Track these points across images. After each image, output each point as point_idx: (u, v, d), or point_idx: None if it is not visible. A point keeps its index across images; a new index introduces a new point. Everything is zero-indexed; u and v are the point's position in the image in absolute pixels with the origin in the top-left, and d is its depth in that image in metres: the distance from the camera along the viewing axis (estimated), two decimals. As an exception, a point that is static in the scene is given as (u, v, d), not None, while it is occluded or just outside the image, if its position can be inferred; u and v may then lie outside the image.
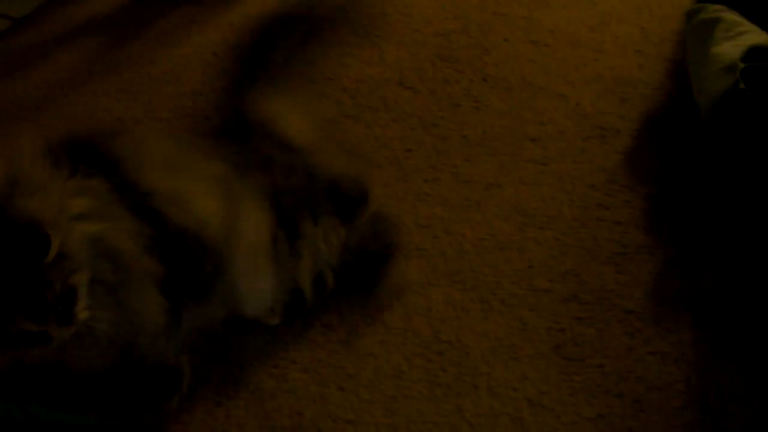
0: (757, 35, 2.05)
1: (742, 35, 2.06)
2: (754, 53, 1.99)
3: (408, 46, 2.57)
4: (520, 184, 2.15)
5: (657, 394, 1.74)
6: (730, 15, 2.13)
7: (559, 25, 2.59)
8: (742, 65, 1.97)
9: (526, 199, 2.12)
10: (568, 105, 2.34)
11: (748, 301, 1.86)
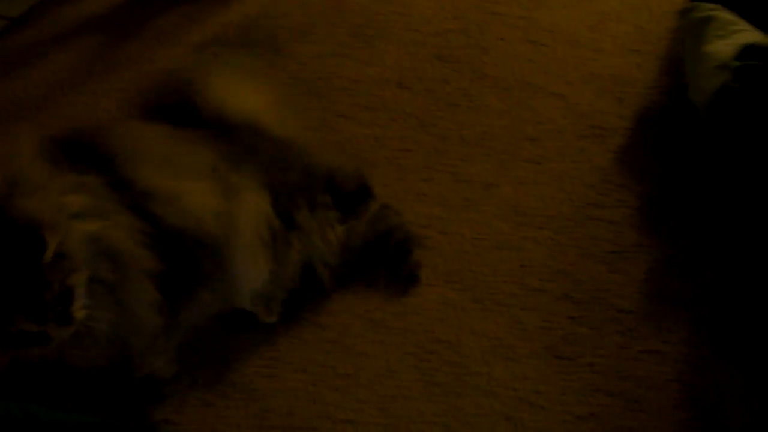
0: (751, 34, 2.05)
1: (735, 34, 2.07)
2: (748, 52, 1.99)
3: (406, 45, 2.57)
4: (517, 183, 2.16)
5: (650, 393, 1.74)
6: (723, 14, 2.13)
7: (557, 25, 2.59)
8: (735, 64, 1.97)
9: (523, 198, 2.12)
10: (566, 104, 2.34)
11: (743, 300, 1.87)
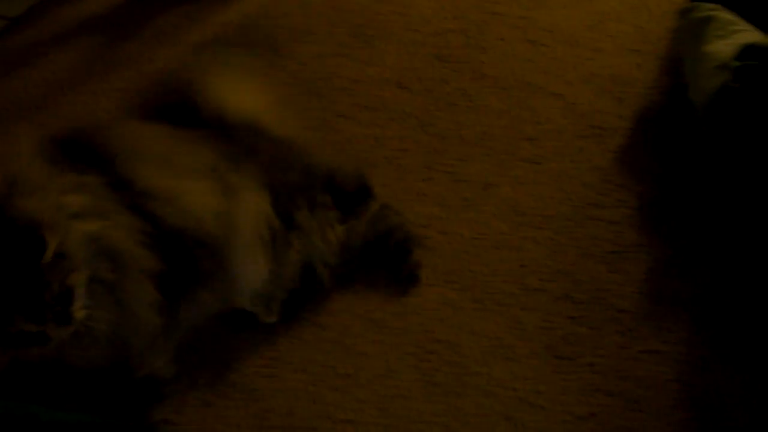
0: (751, 34, 2.05)
1: (735, 34, 2.07)
2: (748, 52, 1.99)
3: (406, 45, 2.57)
4: (517, 183, 2.16)
5: (650, 393, 1.75)
6: (723, 14, 2.13)
7: (556, 25, 2.59)
8: (735, 64, 1.97)
9: (523, 198, 2.12)
10: (566, 104, 2.34)
11: (742, 300, 1.87)
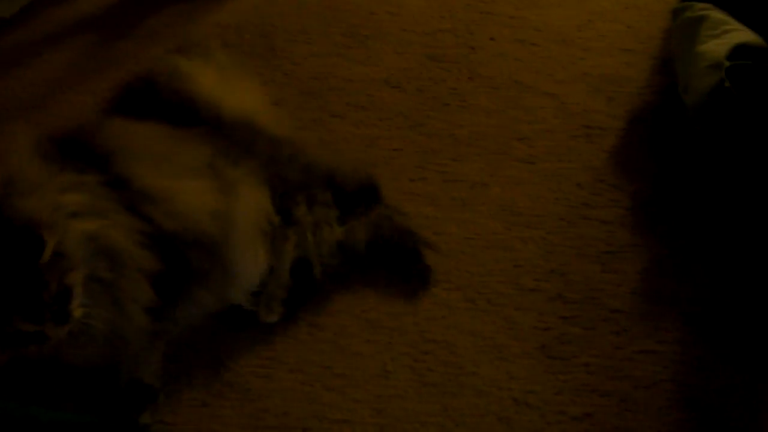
0: (743, 33, 2.06)
1: (727, 33, 2.07)
2: (740, 51, 2.00)
3: (396, 45, 2.57)
4: (507, 183, 2.16)
5: (643, 393, 1.75)
6: (716, 13, 2.14)
7: (546, 24, 2.59)
8: (727, 63, 1.98)
9: (513, 198, 2.12)
10: (557, 104, 2.34)
11: (737, 299, 1.87)
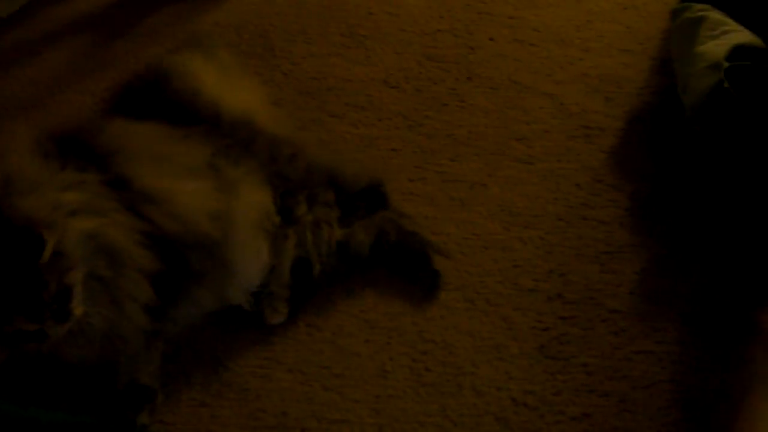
0: (742, 34, 2.06)
1: (726, 34, 2.07)
2: (739, 52, 2.00)
3: (394, 45, 2.57)
4: (506, 183, 2.16)
5: (642, 394, 1.74)
6: (714, 14, 2.14)
7: (545, 24, 2.59)
8: (726, 64, 1.98)
9: (512, 198, 2.12)
10: (554, 104, 2.34)
11: (736, 299, 1.86)
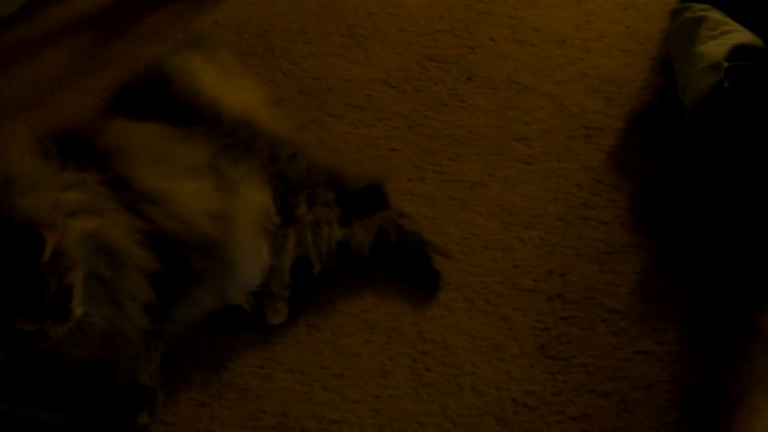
0: (742, 34, 2.06)
1: (726, 34, 2.07)
2: (739, 52, 1.99)
3: (394, 45, 2.57)
4: (505, 183, 2.16)
5: (642, 394, 1.74)
6: (714, 14, 2.14)
7: (545, 25, 2.59)
8: (726, 64, 1.98)
9: (511, 198, 2.12)
10: (554, 104, 2.34)
11: (736, 300, 1.86)
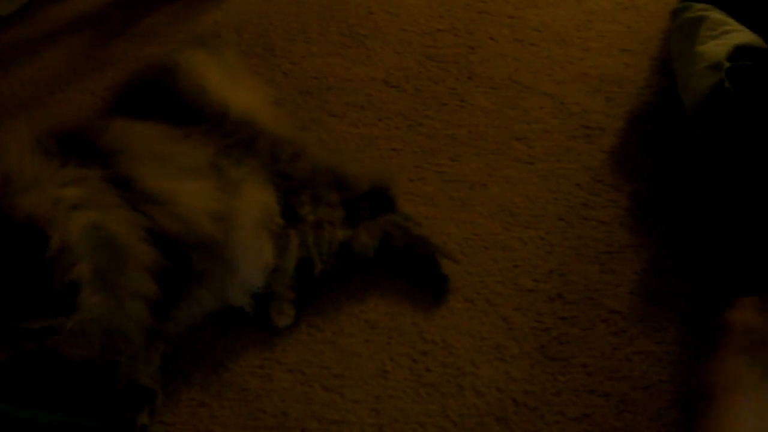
0: (743, 34, 2.06)
1: (727, 34, 2.07)
2: (740, 52, 1.99)
3: (394, 45, 2.56)
4: (506, 183, 2.15)
5: (642, 394, 1.74)
6: (715, 14, 2.14)
7: (545, 24, 2.59)
8: (727, 64, 1.97)
9: (512, 198, 2.12)
10: (554, 104, 2.34)
11: (734, 299, 1.86)
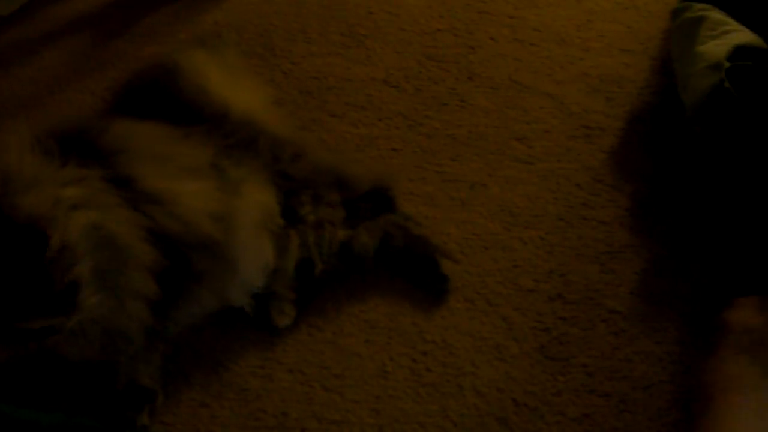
0: (743, 34, 2.06)
1: (727, 34, 2.07)
2: (740, 52, 1.99)
3: (394, 45, 2.56)
4: (506, 183, 2.15)
5: (642, 394, 1.75)
6: (715, 14, 2.14)
7: (545, 24, 2.59)
8: (727, 64, 1.97)
9: (512, 198, 2.12)
10: (554, 104, 2.34)
11: (734, 299, 1.86)
